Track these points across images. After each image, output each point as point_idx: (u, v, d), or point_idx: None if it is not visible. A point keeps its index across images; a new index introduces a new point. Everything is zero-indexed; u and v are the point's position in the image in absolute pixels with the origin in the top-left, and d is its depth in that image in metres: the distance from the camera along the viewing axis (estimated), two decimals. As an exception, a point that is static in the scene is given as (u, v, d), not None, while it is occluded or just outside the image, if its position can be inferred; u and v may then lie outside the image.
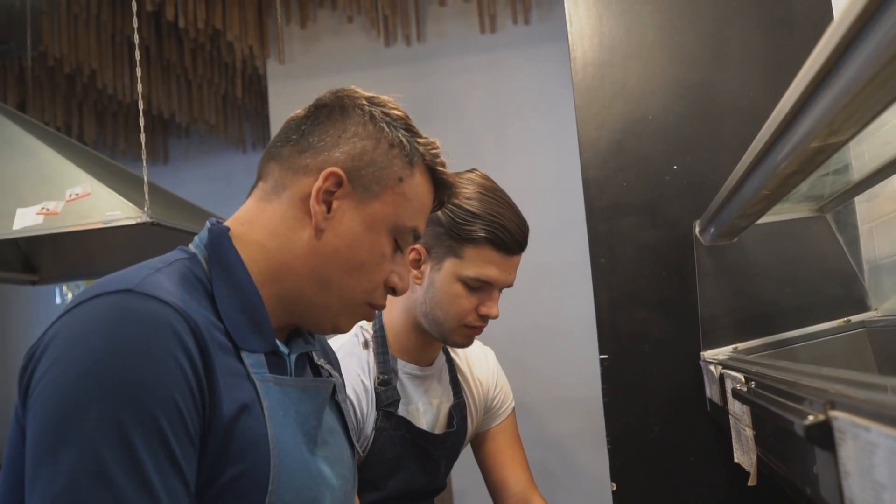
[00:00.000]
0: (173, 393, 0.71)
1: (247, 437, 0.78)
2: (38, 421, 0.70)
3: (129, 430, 0.68)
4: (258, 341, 0.85)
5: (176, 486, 0.70)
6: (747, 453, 1.03)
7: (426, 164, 0.94)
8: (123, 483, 0.67)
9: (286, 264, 0.88)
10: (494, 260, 1.35)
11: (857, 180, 1.32)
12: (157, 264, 0.82)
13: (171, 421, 0.70)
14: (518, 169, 3.55)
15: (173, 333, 0.73)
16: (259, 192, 0.92)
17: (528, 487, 1.58)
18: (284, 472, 0.80)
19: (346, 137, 0.89)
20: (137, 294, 0.74)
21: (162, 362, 0.71)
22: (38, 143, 2.43)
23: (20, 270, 3.25)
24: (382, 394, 1.38)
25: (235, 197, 4.59)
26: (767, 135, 0.79)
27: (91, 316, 0.73)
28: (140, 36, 2.45)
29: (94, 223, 2.17)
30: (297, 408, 0.86)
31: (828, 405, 0.54)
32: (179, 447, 0.71)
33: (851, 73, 0.55)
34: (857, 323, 1.38)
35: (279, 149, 0.92)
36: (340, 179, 0.87)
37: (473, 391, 1.56)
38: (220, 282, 0.85)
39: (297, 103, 0.98)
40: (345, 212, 0.88)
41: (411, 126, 0.94)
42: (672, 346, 1.47)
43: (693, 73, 1.53)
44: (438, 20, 3.80)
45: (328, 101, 0.93)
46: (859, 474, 0.50)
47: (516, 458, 1.61)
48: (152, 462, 0.68)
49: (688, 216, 1.47)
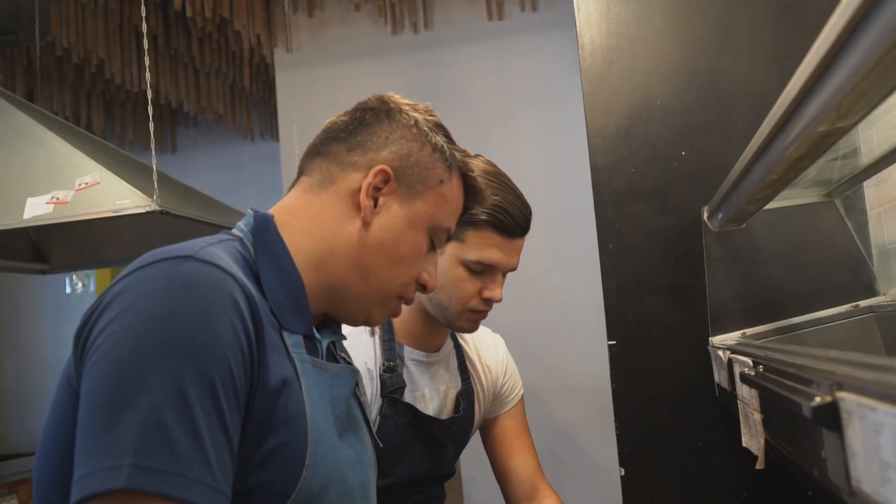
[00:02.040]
0: (228, 356, 0.73)
1: (288, 411, 0.80)
2: (97, 375, 0.72)
3: (185, 386, 0.70)
4: (299, 323, 0.88)
5: (222, 444, 0.72)
6: (755, 437, 1.03)
7: (461, 171, 1.00)
8: (178, 434, 0.69)
9: (332, 253, 0.91)
10: (497, 243, 1.35)
11: (866, 165, 1.32)
12: (209, 240, 0.85)
13: (224, 382, 0.73)
14: (526, 156, 3.54)
15: (230, 299, 0.76)
16: (304, 185, 0.96)
17: (535, 475, 1.57)
18: (319, 449, 0.82)
19: (394, 139, 0.95)
20: (197, 260, 0.77)
21: (219, 325, 0.74)
22: (47, 133, 2.44)
23: (30, 259, 3.27)
24: (387, 380, 1.39)
25: (243, 185, 4.61)
26: (775, 119, 0.79)
27: (152, 278, 0.75)
28: (148, 25, 2.46)
29: (103, 212, 2.18)
30: (329, 391, 0.89)
31: (834, 386, 0.55)
32: (228, 409, 0.73)
33: (858, 57, 0.55)
34: (866, 308, 1.38)
35: (325, 146, 0.96)
36: (388, 177, 0.92)
37: (482, 378, 1.56)
38: (266, 263, 0.88)
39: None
40: (390, 207, 0.93)
41: (449, 134, 1.00)
42: (680, 331, 1.47)
43: (701, 58, 1.52)
44: (446, 7, 3.79)
45: (373, 104, 0.98)
46: (866, 454, 0.50)
47: (524, 446, 1.60)
48: (205, 418, 0.70)
49: (696, 202, 1.47)
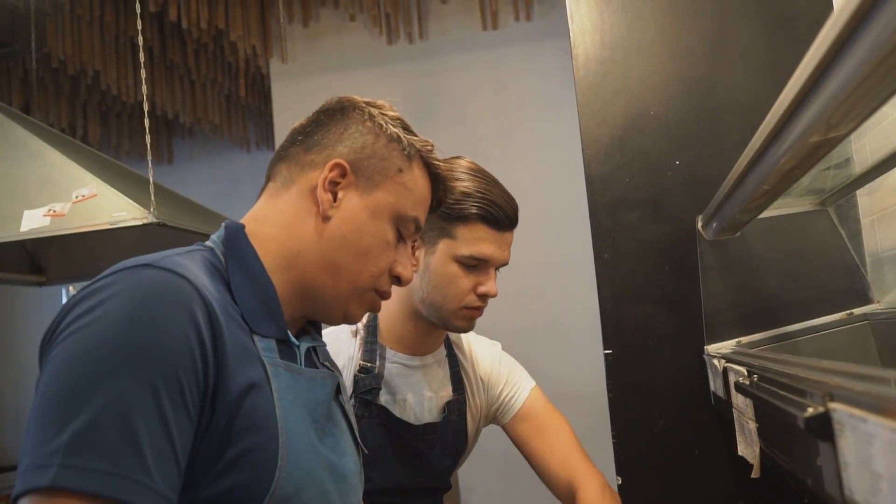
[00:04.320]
0: (175, 362, 0.74)
1: (255, 414, 0.80)
2: (45, 377, 0.73)
3: (126, 389, 0.70)
4: (271, 327, 0.89)
5: (164, 447, 0.72)
6: (751, 446, 1.03)
7: (423, 160, 1.01)
8: (111, 435, 0.69)
9: (297, 252, 0.92)
10: (488, 236, 1.35)
11: (859, 174, 1.32)
12: (178, 251, 0.87)
13: (170, 387, 0.73)
14: (521, 165, 3.55)
15: (184, 306, 0.76)
16: (269, 191, 0.98)
17: (567, 466, 1.46)
18: (293, 452, 0.82)
19: (349, 134, 0.96)
20: (156, 268, 0.78)
21: (168, 331, 0.74)
22: (43, 145, 2.44)
23: (27, 272, 3.27)
24: (361, 381, 1.37)
25: (240, 196, 4.62)
26: (767, 130, 0.80)
27: (111, 286, 0.76)
28: (143, 37, 2.46)
29: (100, 224, 2.18)
30: (306, 395, 0.89)
31: (827, 397, 0.55)
32: (174, 414, 0.73)
33: (849, 68, 0.55)
34: (860, 316, 1.38)
35: (286, 150, 0.98)
36: (345, 170, 0.94)
37: (475, 389, 1.53)
38: (236, 270, 0.89)
39: (300, 102, 1.02)
40: (350, 200, 0.94)
41: (407, 125, 1.02)
42: (676, 340, 1.48)
43: (694, 68, 1.53)
44: (440, 17, 3.81)
45: (329, 105, 1.00)
46: (858, 465, 0.50)
47: (548, 440, 1.50)
48: (144, 421, 0.70)
49: (690, 211, 1.47)
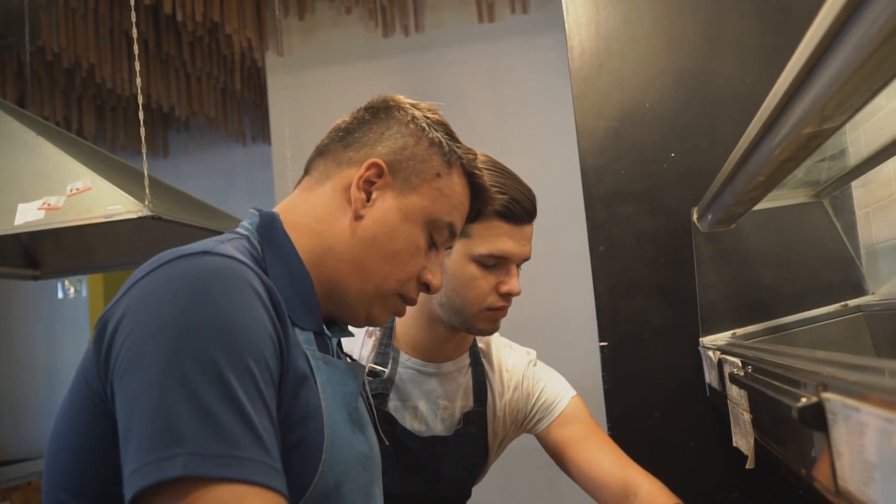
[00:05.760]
0: (258, 339, 0.73)
1: (308, 405, 0.80)
2: (133, 375, 0.69)
3: (223, 370, 0.68)
4: (309, 319, 0.88)
5: (269, 426, 0.71)
6: (745, 437, 1.04)
7: (463, 168, 0.98)
8: (227, 419, 0.66)
9: (329, 248, 0.91)
10: (506, 232, 1.26)
11: (853, 165, 1.33)
12: (220, 238, 0.85)
13: (259, 364, 0.71)
14: (516, 158, 3.52)
15: (253, 289, 0.75)
16: (304, 184, 0.97)
17: (617, 470, 1.31)
18: (335, 445, 0.82)
19: (390, 134, 0.94)
20: (215, 255, 0.76)
21: (247, 310, 0.73)
22: (37, 139, 2.43)
23: (22, 265, 3.26)
24: (369, 385, 1.29)
25: (236, 189, 4.60)
26: (761, 121, 0.80)
27: (172, 274, 0.73)
28: (138, 29, 2.45)
29: (95, 217, 2.18)
30: (342, 388, 0.89)
31: (820, 387, 0.55)
32: (267, 391, 0.72)
33: (842, 59, 0.55)
34: (855, 307, 1.39)
35: (326, 146, 0.97)
36: (381, 170, 0.92)
37: (500, 402, 1.40)
38: (274, 261, 0.88)
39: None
40: (384, 201, 0.92)
41: (451, 131, 0.99)
42: (671, 332, 1.48)
43: (690, 60, 1.53)
44: (436, 10, 3.79)
45: (374, 104, 0.98)
46: (850, 454, 0.50)
47: (594, 443, 1.35)
48: (248, 401, 0.69)
49: (686, 203, 1.47)
